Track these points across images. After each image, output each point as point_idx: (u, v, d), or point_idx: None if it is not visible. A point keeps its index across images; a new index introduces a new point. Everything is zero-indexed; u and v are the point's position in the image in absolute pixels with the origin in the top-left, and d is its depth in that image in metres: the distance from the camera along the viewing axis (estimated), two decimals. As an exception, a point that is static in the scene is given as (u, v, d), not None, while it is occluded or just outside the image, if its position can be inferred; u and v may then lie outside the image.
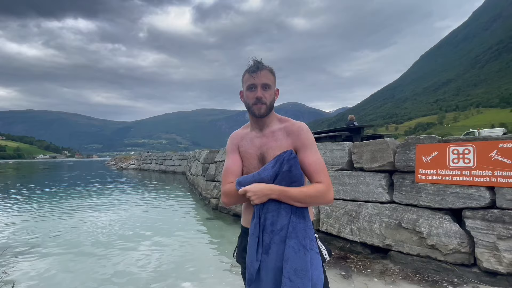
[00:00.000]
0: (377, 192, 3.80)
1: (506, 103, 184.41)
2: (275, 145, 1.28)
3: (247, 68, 1.31)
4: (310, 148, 1.27)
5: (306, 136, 1.28)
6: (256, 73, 1.27)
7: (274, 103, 1.33)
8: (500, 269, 2.76)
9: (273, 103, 1.32)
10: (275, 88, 1.34)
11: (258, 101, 1.27)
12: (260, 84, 1.27)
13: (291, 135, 1.29)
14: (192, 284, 3.34)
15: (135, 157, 39.41)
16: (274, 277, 1.13)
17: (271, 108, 1.32)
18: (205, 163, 10.32)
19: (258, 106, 1.27)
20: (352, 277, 3.18)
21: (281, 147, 1.27)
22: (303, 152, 1.26)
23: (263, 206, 1.20)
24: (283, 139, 1.29)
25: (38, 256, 4.38)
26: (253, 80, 1.27)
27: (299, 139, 1.27)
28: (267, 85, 1.28)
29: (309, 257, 1.12)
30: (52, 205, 9.06)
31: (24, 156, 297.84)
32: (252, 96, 1.28)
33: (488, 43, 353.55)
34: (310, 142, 1.28)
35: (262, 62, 1.30)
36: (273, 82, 1.31)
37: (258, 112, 1.28)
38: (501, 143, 2.94)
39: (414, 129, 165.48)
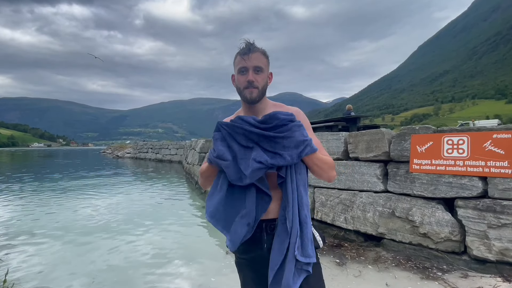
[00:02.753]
0: (371, 181, 3.84)
1: (501, 94, 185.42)
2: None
3: (238, 50, 1.23)
4: (309, 131, 1.23)
5: (304, 120, 1.25)
6: (247, 55, 1.18)
7: (266, 87, 1.25)
8: (489, 257, 2.83)
9: (265, 88, 1.24)
10: (268, 72, 1.26)
11: (250, 85, 1.19)
12: (251, 67, 1.18)
13: None
14: (189, 269, 3.40)
15: (131, 146, 39.26)
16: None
17: (264, 92, 1.24)
18: (201, 152, 10.32)
19: (250, 90, 1.19)
20: (346, 264, 3.24)
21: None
22: None
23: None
24: None
25: (34, 244, 4.39)
26: (244, 62, 1.19)
27: None
28: (259, 68, 1.19)
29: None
30: (48, 194, 9.05)
31: (18, 144, 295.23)
32: (244, 80, 1.19)
33: (486, 34, 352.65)
34: (307, 126, 1.25)
35: (254, 43, 1.22)
36: (266, 65, 1.22)
37: (250, 97, 1.20)
38: (495, 134, 2.97)
39: (410, 120, 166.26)
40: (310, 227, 1.16)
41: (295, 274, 1.11)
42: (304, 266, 1.12)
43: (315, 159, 1.15)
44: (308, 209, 1.16)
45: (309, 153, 1.11)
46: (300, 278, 1.11)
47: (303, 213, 1.13)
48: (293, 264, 1.10)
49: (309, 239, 1.13)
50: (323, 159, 1.18)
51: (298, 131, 1.11)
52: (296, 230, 1.11)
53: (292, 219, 1.12)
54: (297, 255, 1.09)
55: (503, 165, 2.87)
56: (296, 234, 1.11)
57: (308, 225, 1.14)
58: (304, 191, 1.16)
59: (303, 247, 1.11)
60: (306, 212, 1.14)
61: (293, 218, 1.12)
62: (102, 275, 3.28)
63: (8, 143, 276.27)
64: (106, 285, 3.06)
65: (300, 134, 1.11)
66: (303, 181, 1.17)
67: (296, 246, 1.10)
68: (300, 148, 1.10)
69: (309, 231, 1.14)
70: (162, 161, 24.93)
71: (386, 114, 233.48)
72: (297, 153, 1.10)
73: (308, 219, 1.15)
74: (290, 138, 1.10)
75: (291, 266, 1.10)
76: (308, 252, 1.11)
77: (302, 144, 1.10)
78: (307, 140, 1.11)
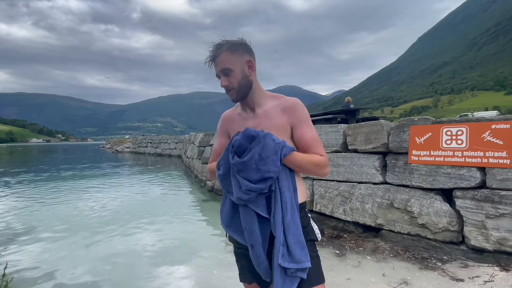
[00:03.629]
0: (370, 173, 3.85)
1: (501, 86, 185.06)
2: (269, 125, 1.21)
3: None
4: (307, 124, 1.22)
5: (302, 112, 1.22)
6: (214, 62, 1.20)
7: (248, 79, 1.21)
8: (487, 246, 2.85)
9: (245, 82, 1.20)
10: (245, 61, 1.20)
11: (226, 89, 1.21)
12: (220, 72, 1.19)
13: (286, 111, 1.22)
14: (191, 262, 3.42)
15: (130, 141, 39.20)
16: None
17: (246, 87, 1.21)
18: (200, 146, 10.31)
19: (229, 93, 1.22)
20: (345, 255, 3.27)
21: (276, 126, 1.20)
22: (300, 128, 1.21)
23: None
24: (278, 117, 1.22)
25: (34, 239, 4.41)
26: (215, 69, 1.21)
27: (295, 115, 1.21)
28: (227, 69, 1.18)
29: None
30: (48, 189, 9.06)
31: (17, 140, 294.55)
32: (221, 86, 1.22)
33: (486, 25, 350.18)
34: (306, 117, 1.23)
35: (219, 44, 1.19)
36: (234, 61, 1.18)
37: (232, 99, 1.23)
38: (494, 124, 2.97)
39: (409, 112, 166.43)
40: (297, 231, 1.11)
41: (286, 282, 1.09)
42: (296, 272, 1.09)
43: (296, 161, 1.14)
44: (293, 213, 1.12)
45: (287, 153, 1.11)
46: (293, 284, 1.10)
47: (287, 219, 1.10)
48: (279, 271, 1.09)
49: (298, 244, 1.09)
50: (307, 160, 1.15)
51: (268, 138, 1.11)
52: (279, 238, 1.10)
53: (275, 227, 1.12)
54: (281, 263, 1.08)
55: (502, 156, 2.87)
56: (279, 242, 1.10)
57: (294, 230, 1.10)
58: (288, 195, 1.13)
59: (290, 253, 1.09)
60: (290, 218, 1.11)
61: (276, 225, 1.11)
62: (104, 269, 3.30)
63: (6, 139, 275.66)
64: (108, 278, 3.07)
65: (270, 139, 1.11)
66: (287, 184, 1.14)
67: (281, 254, 1.08)
68: (278, 152, 1.10)
69: (297, 236, 1.10)
70: (162, 156, 24.93)
71: (385, 106, 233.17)
72: (278, 158, 1.10)
73: (294, 224, 1.11)
74: (266, 148, 1.09)
75: (278, 273, 1.09)
76: (297, 258, 1.08)
77: (278, 148, 1.10)
78: (280, 142, 1.12)
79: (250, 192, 1.10)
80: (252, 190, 1.09)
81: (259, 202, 1.14)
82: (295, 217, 1.12)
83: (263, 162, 1.07)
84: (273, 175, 1.09)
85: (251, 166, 1.08)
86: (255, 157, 1.08)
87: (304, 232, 1.17)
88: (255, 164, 1.08)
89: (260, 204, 1.14)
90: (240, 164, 1.10)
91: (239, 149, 1.13)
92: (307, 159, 1.16)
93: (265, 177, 1.08)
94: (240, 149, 1.12)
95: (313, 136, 1.21)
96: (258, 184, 1.09)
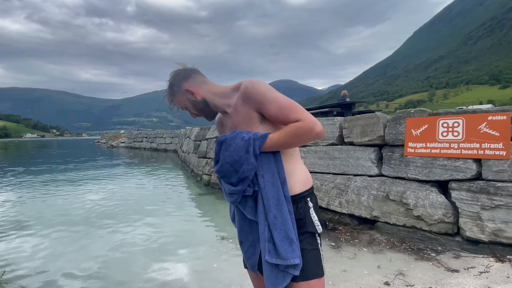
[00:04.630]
0: (366, 165, 3.84)
1: (496, 80, 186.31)
2: (238, 120, 1.17)
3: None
4: (266, 99, 1.09)
5: (255, 91, 1.11)
6: (172, 105, 1.29)
7: (198, 103, 1.26)
8: (482, 237, 2.86)
9: (199, 106, 1.26)
10: (183, 92, 1.25)
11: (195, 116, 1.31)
12: (182, 109, 1.30)
13: (244, 100, 1.14)
14: (188, 256, 3.39)
15: (126, 135, 38.92)
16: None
17: (204, 108, 1.27)
18: (196, 140, 10.25)
19: (199, 117, 1.33)
20: (341, 247, 3.26)
21: (243, 119, 1.15)
22: (263, 108, 1.10)
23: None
24: (242, 109, 1.15)
25: (28, 234, 4.35)
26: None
27: (252, 99, 1.11)
28: (183, 108, 1.29)
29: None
30: (43, 184, 8.97)
31: (11, 135, 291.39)
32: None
33: (482, 19, 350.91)
34: (262, 93, 1.10)
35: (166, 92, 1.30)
36: (180, 101, 1.27)
37: (208, 120, 1.34)
38: (490, 116, 2.96)
39: (404, 106, 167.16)
40: (285, 227, 1.07)
41: (278, 277, 1.08)
42: (287, 268, 1.07)
43: (275, 144, 1.08)
44: (280, 208, 1.08)
45: (262, 145, 1.08)
46: (284, 281, 1.08)
47: (271, 215, 1.07)
48: (269, 267, 1.09)
49: (285, 240, 1.06)
50: (284, 135, 1.07)
51: (237, 138, 1.10)
52: (263, 234, 1.10)
53: (259, 224, 1.13)
54: (268, 259, 1.07)
55: (498, 147, 2.87)
56: (264, 238, 1.09)
57: (281, 225, 1.07)
58: (272, 189, 1.08)
59: (276, 249, 1.06)
60: (277, 213, 1.07)
61: (259, 223, 1.12)
62: (100, 264, 3.25)
63: (0, 134, 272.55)
64: (105, 273, 3.04)
65: (240, 139, 1.10)
66: (271, 179, 1.09)
67: (267, 250, 1.08)
68: (250, 148, 1.07)
69: (285, 231, 1.06)
70: (157, 150, 24.80)
71: (381, 100, 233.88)
72: (251, 155, 1.07)
73: (280, 219, 1.07)
74: (236, 149, 1.09)
75: (268, 268, 1.09)
76: (283, 254, 1.05)
77: (249, 144, 1.07)
78: (251, 137, 1.09)
79: (233, 195, 1.13)
80: (234, 192, 1.12)
81: (246, 204, 1.16)
82: (282, 212, 1.07)
83: (238, 163, 1.09)
84: (248, 174, 1.08)
85: (228, 170, 1.11)
86: (227, 161, 1.11)
87: (301, 224, 1.13)
88: (231, 167, 1.10)
89: (247, 206, 1.16)
90: (218, 172, 1.15)
91: (217, 156, 1.17)
92: (283, 135, 1.06)
93: (241, 177, 1.09)
94: (217, 156, 1.17)
95: (279, 106, 1.08)
96: (238, 186, 1.11)
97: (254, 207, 1.15)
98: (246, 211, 1.16)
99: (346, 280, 2.56)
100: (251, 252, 1.21)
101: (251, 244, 1.21)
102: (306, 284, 1.09)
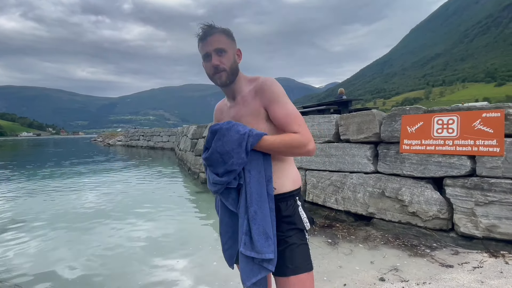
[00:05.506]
0: (362, 163, 3.86)
1: (491, 77, 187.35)
2: (245, 111, 1.18)
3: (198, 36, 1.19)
4: (278, 101, 1.14)
5: (271, 90, 1.15)
6: (206, 40, 1.15)
7: (236, 66, 1.20)
8: (476, 233, 2.89)
9: (234, 67, 1.18)
10: (235, 49, 1.21)
11: (216, 70, 1.16)
12: (213, 51, 1.15)
13: (258, 93, 1.16)
14: (187, 254, 3.39)
15: (122, 134, 38.75)
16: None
17: (234, 72, 1.19)
18: (193, 138, 10.24)
19: (219, 75, 1.17)
20: (337, 244, 3.29)
21: (251, 111, 1.17)
22: (272, 107, 1.14)
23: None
24: (252, 101, 1.17)
25: (24, 232, 4.33)
26: (205, 48, 1.16)
27: (265, 95, 1.15)
28: (222, 49, 1.15)
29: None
30: (40, 183, 8.92)
31: (6, 134, 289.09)
32: (210, 66, 1.16)
33: (478, 17, 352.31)
34: (277, 94, 1.14)
35: (213, 25, 1.17)
36: (228, 44, 1.17)
37: (220, 81, 1.18)
38: (484, 113, 2.98)
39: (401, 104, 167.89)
40: (264, 222, 1.09)
41: (253, 270, 1.10)
42: (262, 262, 1.09)
43: (267, 147, 1.10)
44: (262, 204, 1.10)
45: (255, 143, 1.08)
46: (258, 274, 1.10)
47: (252, 209, 1.09)
48: (244, 259, 1.11)
49: (262, 235, 1.07)
50: (279, 142, 1.09)
51: (232, 130, 1.10)
52: (241, 227, 1.12)
53: (239, 217, 1.15)
54: (243, 251, 1.09)
55: (492, 144, 2.89)
56: (242, 231, 1.11)
57: (261, 220, 1.08)
58: (257, 186, 1.10)
59: (252, 243, 1.08)
60: (257, 208, 1.08)
61: (239, 215, 1.14)
62: (96, 263, 3.24)
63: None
64: (101, 272, 3.04)
65: (235, 132, 1.09)
66: (257, 175, 1.11)
67: (243, 242, 1.10)
68: (243, 143, 1.07)
69: (263, 226, 1.08)
70: (154, 148, 24.73)
71: (377, 98, 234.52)
72: (243, 150, 1.08)
73: (261, 214, 1.09)
74: (229, 141, 1.08)
75: (243, 260, 1.11)
76: (258, 248, 1.07)
77: (243, 139, 1.08)
78: (246, 132, 1.09)
79: (216, 185, 1.13)
80: (218, 183, 1.12)
81: (229, 196, 1.16)
82: (264, 207, 1.09)
83: (228, 155, 1.08)
84: (236, 167, 1.08)
85: (217, 160, 1.11)
86: (218, 150, 1.10)
87: (290, 220, 1.16)
88: (221, 158, 1.10)
89: (230, 198, 1.17)
90: (206, 159, 1.14)
91: (208, 144, 1.15)
92: (278, 141, 1.09)
93: (228, 169, 1.09)
94: (209, 144, 1.15)
95: (286, 113, 1.13)
96: (223, 177, 1.11)
97: (236, 199, 1.16)
98: (228, 202, 1.17)
99: (341, 276, 2.58)
100: (229, 244, 1.23)
101: (230, 236, 1.23)
102: (296, 278, 1.11)
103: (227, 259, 1.26)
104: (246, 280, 1.10)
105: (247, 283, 1.10)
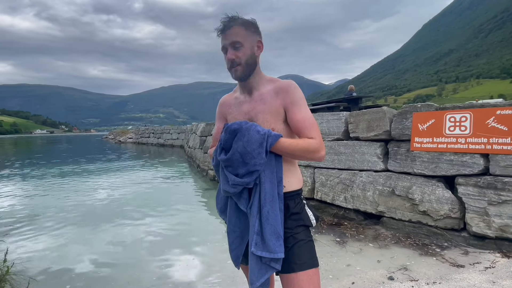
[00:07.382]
0: (372, 161, 3.82)
1: (507, 74, 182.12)
2: (263, 109, 1.19)
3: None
4: (299, 105, 1.17)
5: (294, 93, 1.18)
6: (224, 33, 1.16)
7: (255, 59, 1.19)
8: (488, 233, 2.83)
9: (252, 60, 1.18)
10: (256, 40, 1.20)
11: (232, 63, 1.16)
12: (229, 44, 1.15)
13: (280, 93, 1.19)
14: (197, 250, 3.43)
15: (133, 131, 39.28)
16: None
17: (251, 66, 1.18)
18: (202, 136, 10.31)
19: (234, 69, 1.17)
20: (346, 242, 3.27)
21: (270, 110, 1.19)
22: (292, 109, 1.17)
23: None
24: (272, 100, 1.19)
25: (36, 227, 4.45)
26: (223, 41, 1.16)
27: (288, 96, 1.17)
28: (237, 43, 1.14)
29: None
30: (53, 178, 9.14)
31: (21, 131, 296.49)
32: (227, 59, 1.17)
33: (493, 11, 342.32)
34: (299, 98, 1.18)
35: (233, 17, 1.16)
36: (246, 37, 1.16)
37: (235, 75, 1.18)
38: (499, 110, 2.91)
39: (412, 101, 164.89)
40: (276, 222, 1.10)
41: (261, 270, 1.11)
42: (269, 262, 1.10)
43: (283, 149, 1.11)
44: (274, 204, 1.11)
45: (274, 142, 1.09)
46: (266, 274, 1.11)
47: (265, 209, 1.10)
48: (254, 259, 1.11)
49: (274, 234, 1.09)
50: (295, 146, 1.11)
51: (252, 130, 1.09)
52: (253, 227, 1.12)
53: (250, 217, 1.14)
54: (254, 251, 1.09)
55: (506, 142, 2.82)
56: (253, 231, 1.11)
57: (273, 220, 1.10)
58: (270, 186, 1.11)
59: (264, 242, 1.09)
60: (270, 208, 1.10)
61: (251, 216, 1.14)
62: (107, 258, 3.31)
63: (11, 130, 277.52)
64: (112, 267, 3.10)
65: (255, 132, 1.08)
66: (270, 176, 1.12)
67: (254, 242, 1.10)
68: (263, 143, 1.08)
69: (275, 226, 1.09)
70: (164, 146, 24.99)
71: (388, 95, 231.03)
72: (264, 150, 1.08)
73: (273, 214, 1.10)
74: (250, 141, 1.07)
75: (253, 260, 1.11)
76: (271, 247, 1.08)
77: (263, 139, 1.08)
78: (266, 132, 1.09)
79: (237, 186, 1.12)
80: (239, 184, 1.11)
81: (241, 196, 1.17)
82: (275, 208, 1.11)
83: (249, 155, 1.07)
84: (259, 167, 1.09)
85: (237, 161, 1.09)
86: (239, 151, 1.08)
87: (298, 218, 1.18)
88: (241, 158, 1.08)
89: (242, 198, 1.17)
90: (225, 161, 1.12)
91: (226, 144, 1.13)
92: (294, 144, 1.11)
93: (251, 170, 1.09)
94: (227, 144, 1.12)
95: (304, 118, 1.16)
96: (244, 178, 1.10)
97: (248, 199, 1.17)
98: (240, 202, 1.18)
99: (350, 274, 2.57)
100: (236, 244, 1.23)
101: (237, 236, 1.22)
102: (305, 273, 1.12)
103: (234, 259, 1.25)
104: (255, 281, 1.11)
105: (257, 284, 1.11)
